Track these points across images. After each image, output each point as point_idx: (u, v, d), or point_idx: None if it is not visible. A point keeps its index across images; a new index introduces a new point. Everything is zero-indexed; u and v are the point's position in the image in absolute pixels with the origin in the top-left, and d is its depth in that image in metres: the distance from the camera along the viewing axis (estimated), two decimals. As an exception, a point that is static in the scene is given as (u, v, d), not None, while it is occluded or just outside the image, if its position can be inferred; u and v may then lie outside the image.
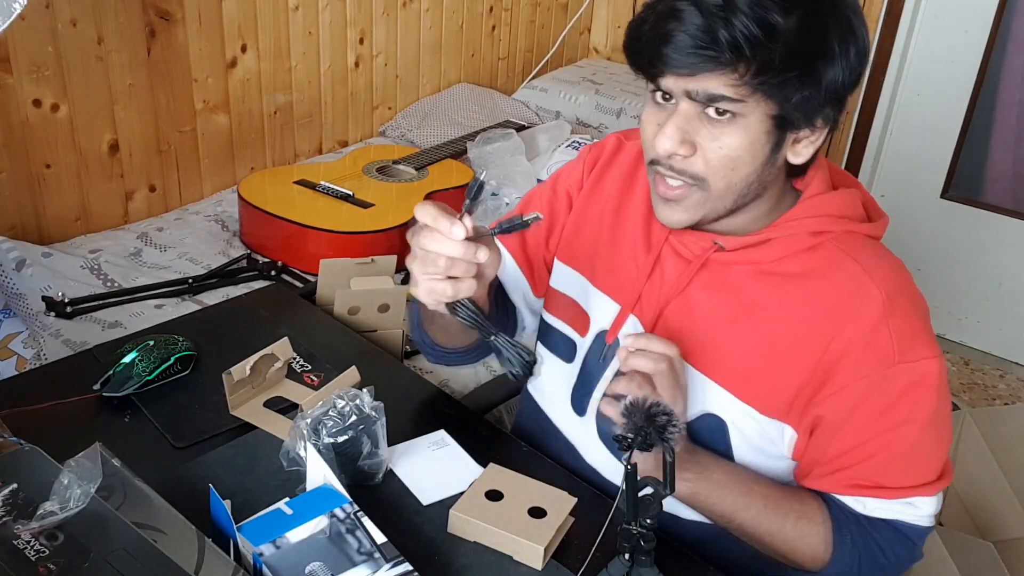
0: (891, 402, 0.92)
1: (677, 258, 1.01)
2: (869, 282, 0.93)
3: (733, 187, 0.92)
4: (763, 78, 0.84)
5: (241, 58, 2.14)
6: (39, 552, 0.80)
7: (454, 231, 0.83)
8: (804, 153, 0.93)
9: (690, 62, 0.84)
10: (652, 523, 0.84)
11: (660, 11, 0.87)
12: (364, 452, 1.00)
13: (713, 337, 0.99)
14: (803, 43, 0.83)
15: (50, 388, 1.13)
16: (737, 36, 0.82)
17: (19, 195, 1.84)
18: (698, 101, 0.87)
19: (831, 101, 0.88)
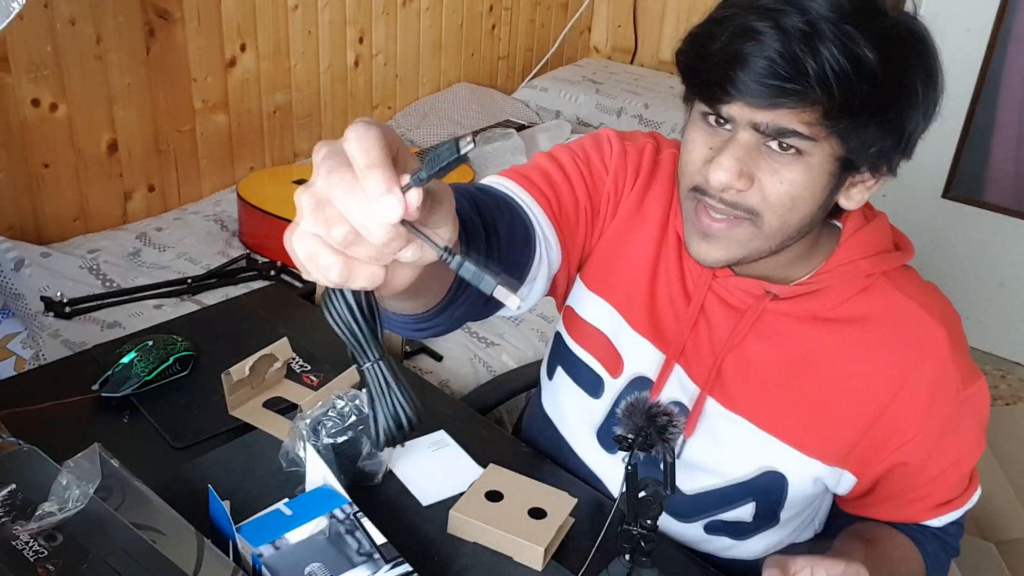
0: (959, 431, 0.93)
1: (724, 306, 0.95)
2: (930, 319, 0.91)
3: (786, 227, 0.84)
4: (845, 120, 0.76)
5: (240, 57, 2.14)
6: (38, 553, 0.79)
7: (383, 202, 0.49)
8: (857, 199, 0.86)
9: (768, 93, 0.75)
10: (652, 524, 0.83)
11: (734, 29, 0.77)
12: (364, 453, 1.00)
13: (773, 392, 0.94)
14: (889, 83, 0.75)
15: (49, 388, 1.13)
16: (825, 68, 0.73)
17: (17, 195, 1.83)
18: (764, 133, 0.79)
19: (905, 149, 0.82)
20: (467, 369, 1.63)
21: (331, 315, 0.59)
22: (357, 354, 0.60)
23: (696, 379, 0.97)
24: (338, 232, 0.51)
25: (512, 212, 0.87)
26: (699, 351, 0.96)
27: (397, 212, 0.49)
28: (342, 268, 0.52)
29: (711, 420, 0.97)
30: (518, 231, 0.87)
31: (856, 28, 0.74)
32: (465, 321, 0.84)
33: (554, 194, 0.94)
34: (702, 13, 0.85)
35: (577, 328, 1.05)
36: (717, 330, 0.95)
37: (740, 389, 0.95)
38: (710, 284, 0.95)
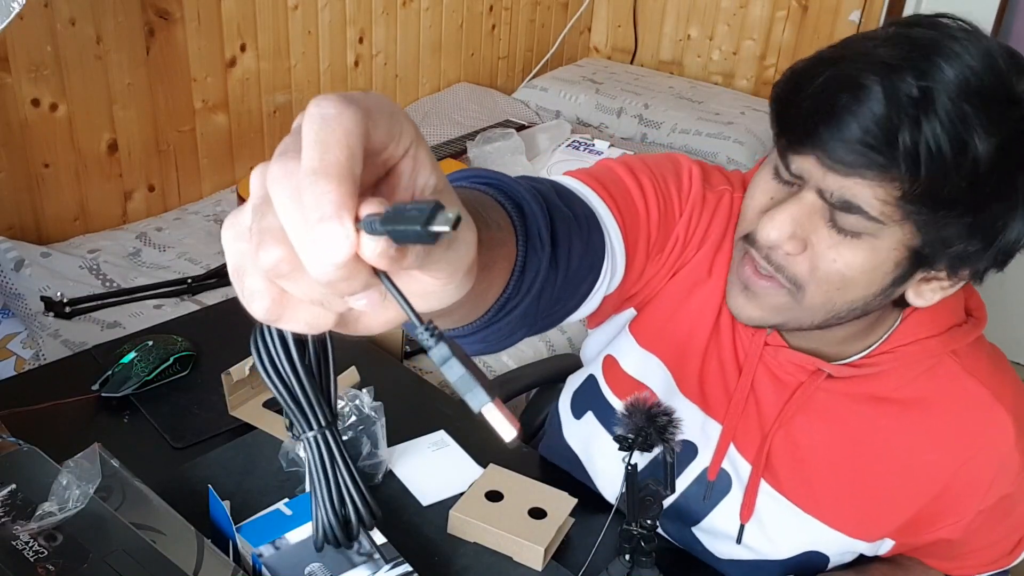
0: (1015, 505, 0.90)
1: (774, 380, 0.88)
2: (999, 408, 0.85)
3: (831, 307, 0.76)
4: (926, 209, 0.66)
5: (240, 57, 2.14)
6: (38, 553, 0.79)
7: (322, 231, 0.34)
8: (930, 298, 0.76)
9: (847, 156, 0.66)
10: (652, 524, 0.83)
11: (838, 76, 0.67)
12: (364, 452, 1.00)
13: (822, 476, 0.89)
14: (993, 182, 0.65)
15: (49, 388, 1.13)
16: (919, 146, 0.63)
17: (18, 195, 1.83)
18: (829, 203, 0.70)
19: (997, 258, 0.70)
20: (467, 369, 1.63)
21: (260, 363, 0.43)
22: (292, 417, 0.45)
23: (747, 456, 0.91)
24: (268, 256, 0.35)
25: (591, 228, 0.75)
26: (748, 427, 0.91)
27: (341, 252, 0.34)
28: (270, 304, 0.37)
29: (760, 504, 0.93)
30: (592, 252, 0.75)
31: (977, 110, 0.63)
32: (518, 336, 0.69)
33: (631, 215, 0.83)
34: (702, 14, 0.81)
35: (619, 381, 0.98)
36: (765, 405, 0.89)
37: (787, 470, 0.90)
38: (761, 355, 0.88)
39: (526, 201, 0.64)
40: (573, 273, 0.72)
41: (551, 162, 2.34)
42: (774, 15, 2.92)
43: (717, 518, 0.95)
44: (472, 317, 0.60)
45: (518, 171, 2.20)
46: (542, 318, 0.72)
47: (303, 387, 0.43)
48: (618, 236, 0.81)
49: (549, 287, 0.67)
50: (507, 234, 0.60)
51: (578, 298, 0.77)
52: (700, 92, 2.88)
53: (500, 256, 0.58)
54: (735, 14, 2.97)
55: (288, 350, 0.42)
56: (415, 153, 0.38)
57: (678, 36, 3.12)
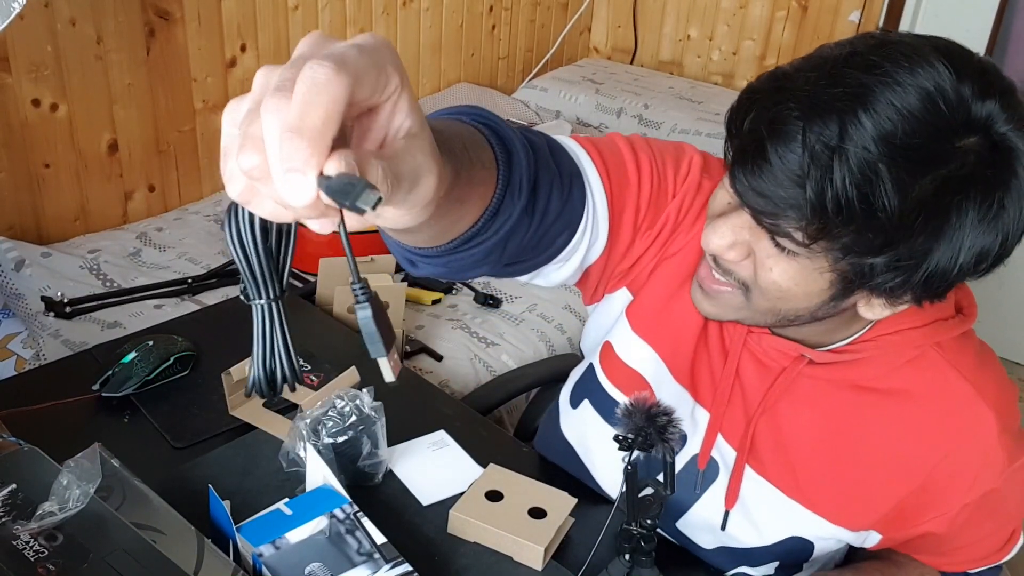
0: (1003, 502, 0.91)
1: (758, 366, 0.91)
2: (980, 403, 0.86)
3: (777, 312, 0.80)
4: (841, 252, 0.69)
5: (241, 57, 2.14)
6: (38, 553, 0.79)
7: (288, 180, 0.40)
8: (880, 312, 0.78)
9: (763, 207, 0.70)
10: (652, 523, 0.84)
11: (768, 115, 0.68)
12: (364, 452, 1.00)
13: (805, 461, 0.91)
14: (915, 225, 0.66)
15: (49, 388, 1.13)
16: (827, 201, 0.65)
17: (18, 195, 1.84)
18: (762, 225, 0.73)
19: (929, 285, 0.71)
20: (467, 369, 1.63)
21: (228, 232, 0.50)
22: (248, 285, 0.52)
23: (732, 442, 0.94)
24: (246, 160, 0.41)
25: (573, 185, 0.80)
26: (733, 414, 0.93)
27: (302, 199, 0.40)
28: (242, 190, 0.44)
29: (743, 485, 0.94)
30: (570, 210, 0.80)
31: (891, 169, 0.64)
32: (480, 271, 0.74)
33: (621, 183, 0.87)
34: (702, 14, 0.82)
35: (615, 368, 1.00)
36: (750, 391, 0.92)
37: (771, 455, 0.92)
38: (745, 340, 0.91)
39: (515, 149, 0.69)
40: (546, 227, 0.76)
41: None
42: (774, 15, 2.92)
43: (703, 506, 0.96)
44: (439, 242, 0.66)
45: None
46: (508, 263, 0.77)
47: (260, 261, 0.50)
48: (603, 200, 0.84)
49: (519, 234, 0.72)
50: (489, 175, 0.65)
51: (548, 253, 0.81)
52: (700, 92, 2.88)
53: (477, 194, 0.64)
54: (735, 14, 2.97)
55: (253, 228, 0.49)
56: (396, 100, 0.44)
57: (678, 36, 3.12)
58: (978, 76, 0.67)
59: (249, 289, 0.52)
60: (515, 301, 1.86)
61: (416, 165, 0.46)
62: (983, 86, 0.66)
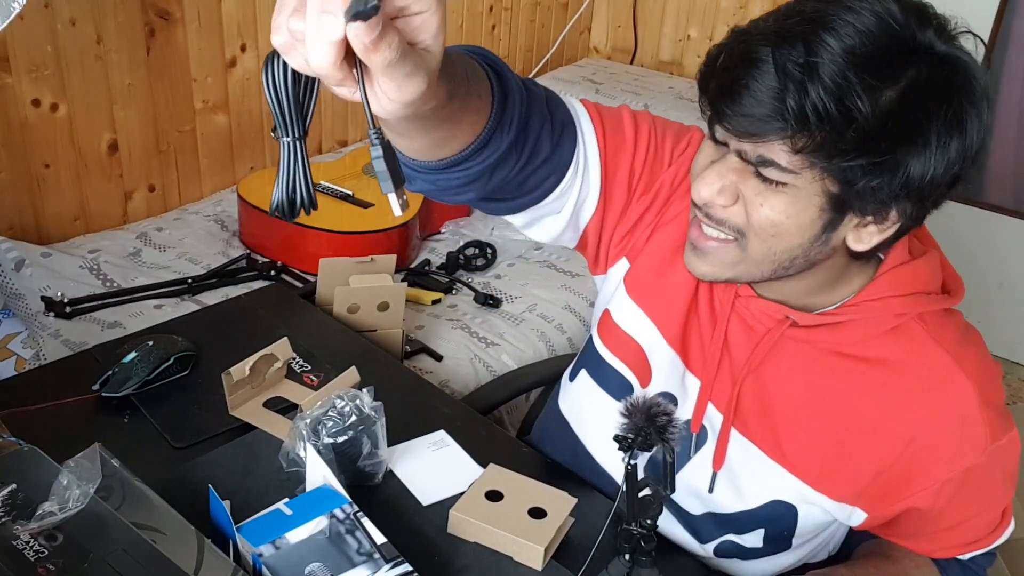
0: (987, 482, 0.92)
1: (745, 328, 0.94)
2: (960, 374, 0.87)
3: (773, 255, 0.82)
4: (826, 159, 0.74)
5: (241, 58, 2.14)
6: (38, 552, 0.79)
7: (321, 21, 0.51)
8: (869, 241, 0.82)
9: (749, 126, 0.75)
10: (652, 523, 0.84)
11: (737, 51, 0.76)
12: (364, 452, 1.00)
13: (787, 423, 0.93)
14: (888, 129, 0.72)
15: (49, 388, 1.13)
16: (807, 109, 0.71)
17: (18, 195, 1.84)
18: (748, 161, 0.79)
19: (911, 196, 0.77)
20: (467, 369, 1.64)
21: (266, 78, 0.60)
22: (279, 124, 0.60)
23: (720, 406, 0.96)
24: (296, 22, 0.53)
25: (564, 133, 0.88)
26: (722, 378, 0.96)
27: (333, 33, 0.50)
28: (285, 42, 0.54)
29: (731, 446, 0.96)
30: (558, 155, 0.88)
31: (860, 75, 0.71)
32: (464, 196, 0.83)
33: (616, 140, 0.94)
34: (701, 14, 0.85)
35: (611, 333, 1.04)
36: (737, 353, 0.94)
37: (755, 417, 0.94)
38: (733, 304, 0.94)
39: (512, 90, 0.79)
40: (533, 168, 0.85)
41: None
42: (774, 15, 2.92)
43: (691, 470, 0.98)
44: (430, 157, 0.76)
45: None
46: (494, 198, 0.87)
47: (289, 104, 0.59)
48: (596, 154, 0.93)
49: (505, 167, 0.82)
50: (484, 106, 0.75)
51: (535, 195, 0.90)
52: (700, 92, 2.88)
53: (469, 121, 0.73)
54: (735, 14, 2.97)
55: (286, 75, 0.58)
56: (427, 17, 0.52)
57: (678, 36, 3.12)
58: (916, 10, 0.75)
59: (279, 128, 0.60)
60: (515, 301, 1.86)
61: (417, 65, 0.54)
62: (921, 17, 0.75)
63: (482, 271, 1.96)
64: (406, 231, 1.91)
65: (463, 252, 1.98)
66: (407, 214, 1.92)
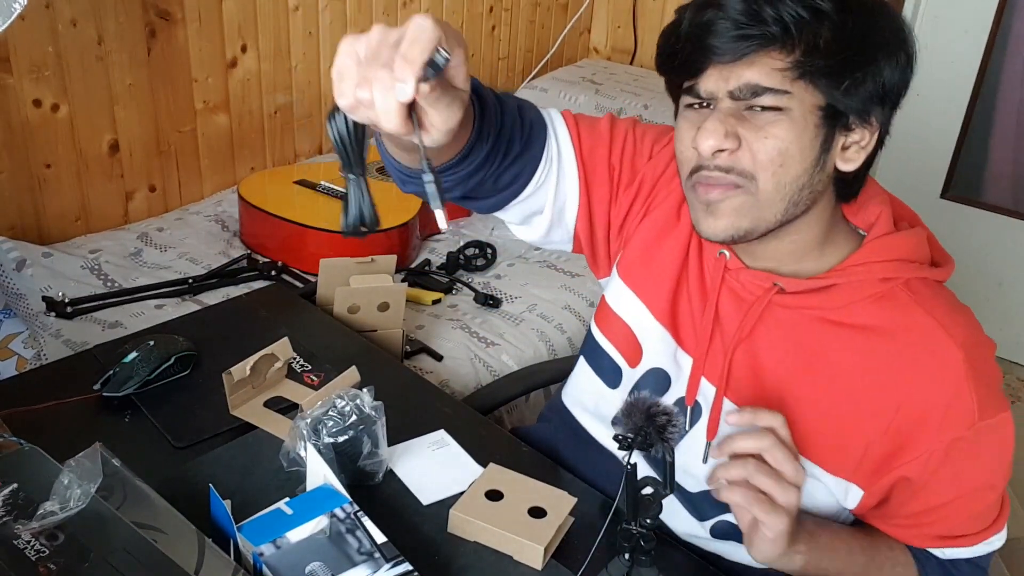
0: (973, 462, 0.90)
1: (735, 299, 0.96)
2: (947, 340, 0.88)
3: (783, 188, 0.85)
4: (810, 60, 0.80)
5: (241, 58, 2.14)
6: (39, 552, 0.80)
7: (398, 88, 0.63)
8: (854, 159, 0.87)
9: (734, 46, 0.80)
10: (652, 523, 0.84)
11: (697, 4, 0.84)
12: (364, 452, 1.00)
13: (778, 391, 0.94)
14: (853, 28, 0.80)
15: (50, 388, 1.14)
16: (783, 15, 0.79)
17: (19, 195, 1.84)
18: (741, 98, 0.83)
19: (882, 99, 0.84)
20: (467, 369, 1.64)
21: (332, 130, 0.74)
22: (345, 165, 0.75)
23: (712, 378, 0.97)
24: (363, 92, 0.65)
25: (532, 134, 0.96)
26: (714, 351, 0.97)
27: (405, 95, 0.63)
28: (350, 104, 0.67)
29: (722, 417, 0.96)
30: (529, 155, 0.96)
31: None
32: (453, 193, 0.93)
33: (592, 142, 1.02)
34: None
35: (605, 318, 1.08)
36: (727, 324, 0.96)
37: (747, 385, 0.95)
38: (723, 276, 0.96)
39: (488, 104, 0.87)
40: (505, 167, 0.93)
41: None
42: (774, 16, 2.92)
43: (687, 446, 0.99)
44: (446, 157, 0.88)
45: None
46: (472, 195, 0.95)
47: (353, 149, 0.74)
48: (569, 148, 1.00)
49: (482, 170, 0.90)
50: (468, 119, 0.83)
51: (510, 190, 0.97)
52: (700, 92, 2.88)
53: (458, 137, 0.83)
54: (735, 15, 2.97)
55: (348, 127, 0.72)
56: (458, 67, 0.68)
57: (678, 37, 3.12)
58: None
59: (345, 167, 0.75)
60: (515, 301, 1.86)
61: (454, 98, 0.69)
62: None
63: (482, 271, 1.97)
64: (406, 231, 1.92)
65: (463, 252, 1.98)
66: (407, 215, 1.93)
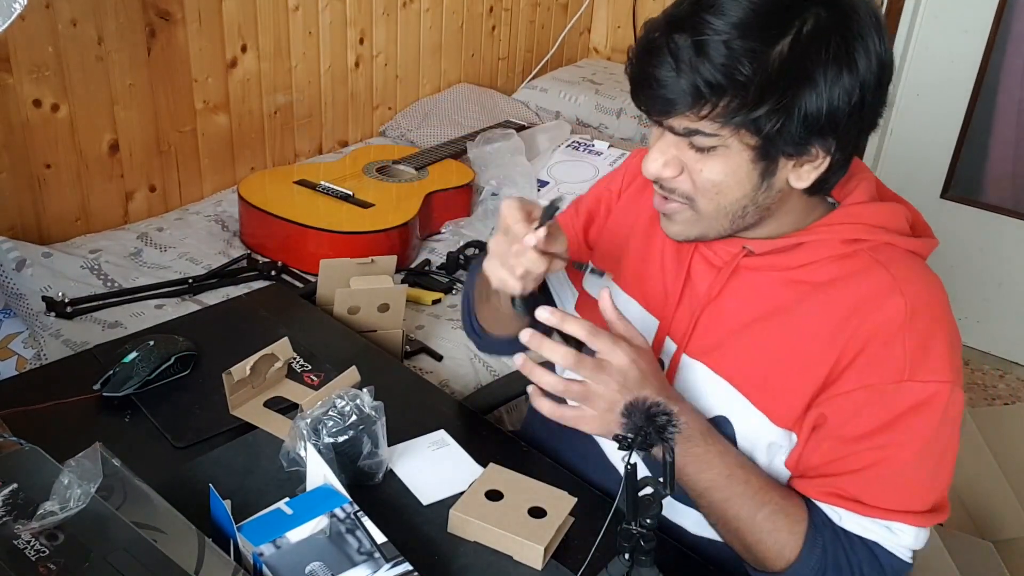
0: (890, 419, 0.88)
1: (707, 266, 1.00)
2: (895, 292, 0.89)
3: (723, 210, 0.91)
4: (732, 114, 0.83)
5: (241, 58, 2.14)
6: (39, 552, 0.80)
7: (527, 239, 0.89)
8: (807, 177, 0.89)
9: (661, 110, 0.86)
10: (652, 523, 0.84)
11: (642, 43, 0.87)
12: (364, 452, 1.00)
13: (733, 339, 0.96)
14: (777, 77, 0.81)
15: (50, 388, 1.14)
16: (699, 84, 0.82)
17: (19, 195, 1.84)
18: (679, 134, 0.88)
19: (819, 131, 0.84)
20: (467, 369, 1.64)
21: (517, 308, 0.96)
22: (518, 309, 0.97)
23: (676, 337, 1.01)
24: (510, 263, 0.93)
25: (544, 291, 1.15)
26: (681, 314, 1.01)
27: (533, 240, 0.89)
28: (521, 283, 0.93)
29: (679, 373, 1.00)
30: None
31: (745, 41, 0.80)
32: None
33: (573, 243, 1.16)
34: None
35: (583, 302, 1.13)
36: (698, 287, 1.00)
37: (704, 337, 0.99)
38: (695, 245, 1.00)
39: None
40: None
41: (551, 162, 2.34)
42: (774, 16, 2.92)
43: None
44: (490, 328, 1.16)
45: (518, 171, 2.20)
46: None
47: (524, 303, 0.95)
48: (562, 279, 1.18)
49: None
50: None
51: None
52: (700, 92, 2.88)
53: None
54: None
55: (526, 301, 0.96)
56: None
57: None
58: None
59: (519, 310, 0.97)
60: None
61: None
62: None
63: (482, 271, 1.96)
64: (406, 231, 1.92)
65: (463, 252, 1.98)
66: (407, 215, 1.93)
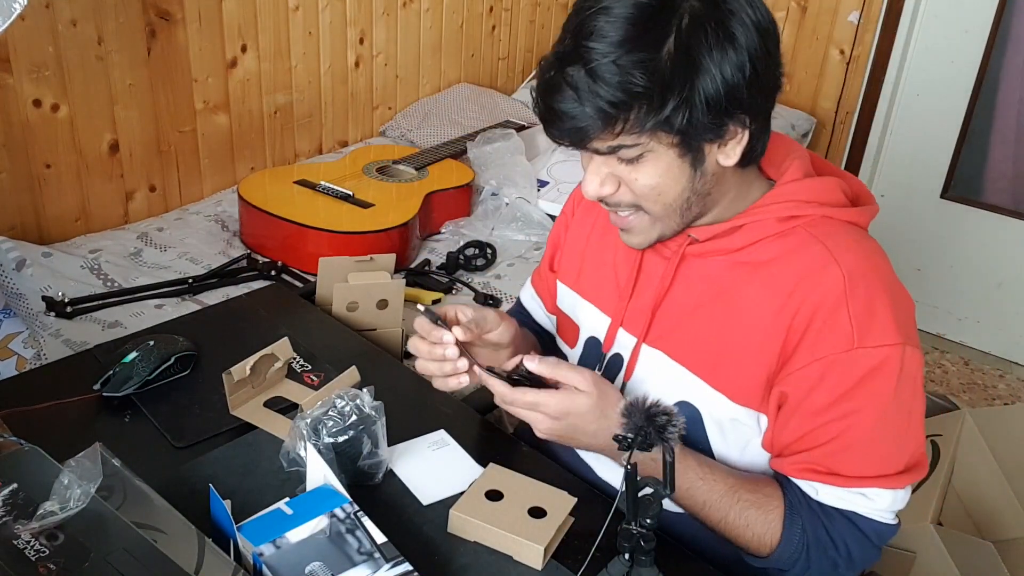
0: (848, 388, 0.90)
1: (659, 259, 1.04)
2: (832, 262, 0.92)
3: (670, 207, 0.94)
4: (642, 121, 0.86)
5: (241, 58, 2.14)
6: (39, 552, 0.80)
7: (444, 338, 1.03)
8: (734, 153, 0.92)
9: (576, 138, 0.89)
10: (652, 523, 0.84)
11: (542, 86, 0.90)
12: (364, 452, 1.00)
13: (685, 324, 1.00)
14: (671, 76, 0.84)
15: (50, 388, 1.14)
16: (604, 107, 0.84)
17: (19, 195, 1.84)
18: (604, 153, 0.90)
19: (726, 110, 0.87)
20: (467, 369, 1.63)
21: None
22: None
23: (632, 330, 1.05)
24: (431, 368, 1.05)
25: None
26: (638, 307, 1.05)
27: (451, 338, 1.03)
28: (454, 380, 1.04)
29: (639, 362, 1.04)
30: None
31: (632, 55, 0.83)
32: None
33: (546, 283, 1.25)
34: None
35: (559, 319, 1.20)
36: (652, 279, 1.04)
37: (661, 326, 1.03)
38: None
39: None
40: None
41: (551, 162, 2.34)
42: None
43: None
44: None
45: (518, 171, 2.20)
46: None
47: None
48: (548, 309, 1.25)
49: None
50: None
51: None
52: (700, 92, 2.88)
53: None
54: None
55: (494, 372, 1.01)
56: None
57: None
58: None
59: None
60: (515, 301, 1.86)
61: None
62: None
63: (482, 271, 1.97)
64: (406, 231, 1.92)
65: (463, 252, 1.98)
66: (407, 215, 1.93)
